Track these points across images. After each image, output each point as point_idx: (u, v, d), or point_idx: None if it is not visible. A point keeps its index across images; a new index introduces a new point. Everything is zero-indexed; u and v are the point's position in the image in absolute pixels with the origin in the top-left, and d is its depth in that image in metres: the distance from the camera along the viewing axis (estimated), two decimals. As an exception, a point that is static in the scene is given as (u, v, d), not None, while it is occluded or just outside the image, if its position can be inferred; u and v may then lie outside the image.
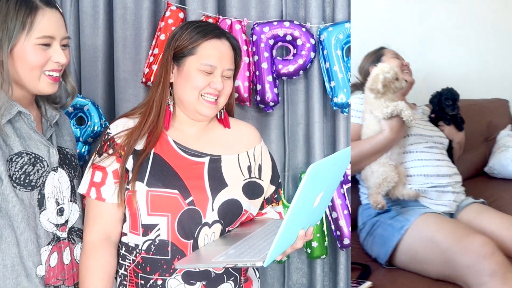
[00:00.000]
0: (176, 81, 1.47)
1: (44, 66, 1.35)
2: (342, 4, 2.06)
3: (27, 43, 1.32)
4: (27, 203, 1.35)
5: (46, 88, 1.38)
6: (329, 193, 1.39)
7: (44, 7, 1.34)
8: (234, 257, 1.20)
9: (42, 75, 1.36)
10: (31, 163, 1.35)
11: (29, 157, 1.35)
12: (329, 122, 2.16)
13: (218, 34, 1.47)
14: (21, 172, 1.33)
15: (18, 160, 1.33)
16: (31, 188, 1.35)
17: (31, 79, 1.36)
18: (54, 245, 1.41)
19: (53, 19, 1.36)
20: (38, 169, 1.37)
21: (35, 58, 1.33)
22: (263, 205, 1.58)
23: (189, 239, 1.39)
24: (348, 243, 2.09)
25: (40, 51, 1.34)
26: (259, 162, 1.55)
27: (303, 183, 1.10)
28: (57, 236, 1.41)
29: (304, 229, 1.28)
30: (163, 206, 1.38)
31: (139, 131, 1.44)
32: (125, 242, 1.44)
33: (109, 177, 1.42)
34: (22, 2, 1.32)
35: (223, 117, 1.56)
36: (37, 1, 1.34)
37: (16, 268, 1.34)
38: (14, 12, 1.31)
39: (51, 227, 1.40)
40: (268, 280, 2.24)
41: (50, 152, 1.41)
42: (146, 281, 1.40)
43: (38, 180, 1.36)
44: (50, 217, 1.40)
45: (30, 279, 1.35)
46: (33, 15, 1.32)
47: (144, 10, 2.03)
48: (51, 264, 1.39)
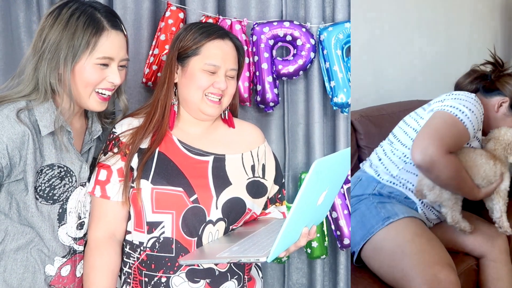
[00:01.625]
0: (181, 81, 1.48)
1: (98, 84, 1.38)
2: (342, 4, 2.07)
3: (88, 62, 1.35)
4: (45, 215, 1.37)
5: (95, 106, 1.41)
6: (333, 192, 1.39)
7: (110, 29, 1.37)
8: (238, 253, 1.21)
9: (93, 93, 1.39)
10: (60, 176, 1.37)
11: (60, 170, 1.37)
12: (329, 122, 2.17)
13: (221, 35, 1.48)
14: (47, 185, 1.35)
15: (48, 172, 1.35)
16: (52, 202, 1.37)
17: (82, 96, 1.39)
18: (69, 258, 1.43)
19: (116, 42, 1.38)
20: (66, 183, 1.39)
21: (92, 76, 1.36)
22: (267, 205, 1.59)
23: (193, 237, 1.39)
24: (348, 243, 2.09)
25: (98, 70, 1.37)
26: (263, 162, 1.56)
27: (307, 179, 1.10)
28: (73, 249, 1.43)
29: (307, 227, 1.29)
30: (167, 203, 1.39)
31: (144, 131, 1.45)
32: (130, 240, 1.45)
33: (114, 176, 1.42)
34: (91, 22, 1.35)
35: (227, 117, 1.57)
36: (105, 23, 1.36)
37: (25, 264, 1.36)
38: (81, 31, 1.33)
39: (68, 240, 1.42)
40: (268, 280, 2.24)
41: (82, 168, 1.43)
42: (150, 278, 1.40)
43: (62, 195, 1.38)
44: (69, 231, 1.42)
45: (36, 276, 1.37)
46: (98, 35, 1.35)
47: (144, 10, 2.03)
48: (62, 273, 1.41)
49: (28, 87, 1.36)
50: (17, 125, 1.30)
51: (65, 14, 1.34)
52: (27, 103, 1.34)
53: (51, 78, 1.34)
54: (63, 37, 1.33)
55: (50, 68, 1.34)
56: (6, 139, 1.28)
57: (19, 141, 1.30)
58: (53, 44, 1.33)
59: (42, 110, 1.35)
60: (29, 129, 1.31)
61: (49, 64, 1.34)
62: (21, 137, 1.30)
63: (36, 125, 1.34)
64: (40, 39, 1.35)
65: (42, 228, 1.36)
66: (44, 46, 1.34)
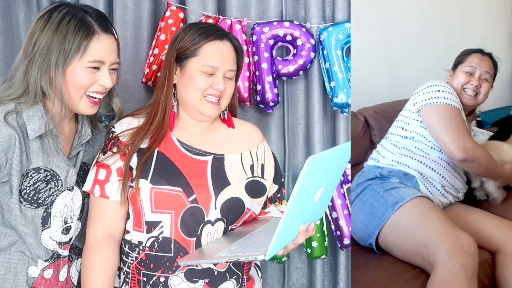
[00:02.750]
0: (179, 82, 1.48)
1: (89, 87, 1.38)
2: (342, 4, 2.07)
3: (79, 66, 1.35)
4: (29, 219, 1.36)
5: (85, 110, 1.41)
6: (330, 189, 1.39)
7: (101, 33, 1.37)
8: (236, 253, 1.21)
9: (84, 96, 1.39)
10: (45, 180, 1.37)
11: (46, 174, 1.37)
12: (329, 122, 2.17)
13: (220, 36, 1.47)
14: (32, 189, 1.35)
15: (34, 175, 1.35)
16: (36, 206, 1.36)
17: (73, 99, 1.38)
18: (52, 262, 1.42)
19: (107, 45, 1.38)
20: (51, 187, 1.38)
21: (83, 80, 1.36)
22: (266, 204, 1.59)
23: (192, 237, 1.39)
24: (348, 243, 2.09)
25: (89, 74, 1.37)
26: (262, 161, 1.56)
27: (302, 175, 1.10)
28: (57, 253, 1.42)
29: (305, 224, 1.29)
30: (166, 203, 1.39)
31: (145, 131, 1.45)
32: (128, 240, 1.45)
33: (113, 175, 1.42)
34: (82, 26, 1.35)
35: (227, 118, 1.56)
36: (95, 26, 1.36)
37: (6, 265, 1.36)
38: (72, 34, 1.33)
39: (52, 244, 1.41)
40: (268, 280, 2.24)
41: (69, 172, 1.42)
42: (148, 278, 1.40)
43: (47, 198, 1.38)
44: (53, 235, 1.41)
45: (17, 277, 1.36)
46: (89, 39, 1.35)
47: (144, 10, 2.03)
48: (45, 275, 1.41)
49: (18, 91, 1.35)
50: (4, 128, 1.29)
51: (55, 17, 1.34)
52: (15, 105, 1.34)
53: (42, 81, 1.34)
54: (54, 41, 1.33)
55: (41, 71, 1.34)
56: None
57: (5, 144, 1.29)
58: (43, 47, 1.33)
59: (31, 113, 1.34)
60: (16, 132, 1.31)
61: (40, 68, 1.33)
62: (8, 140, 1.30)
63: (24, 128, 1.33)
64: (31, 42, 1.35)
65: (25, 232, 1.36)
66: (34, 50, 1.33)
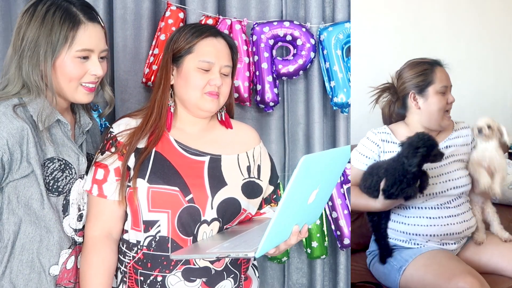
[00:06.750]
0: (176, 82, 1.49)
1: (81, 78, 1.40)
2: (342, 4, 2.07)
3: (68, 56, 1.36)
4: (54, 208, 1.38)
5: (82, 98, 1.43)
6: (326, 191, 1.38)
7: (87, 22, 1.38)
8: (228, 249, 1.22)
9: (79, 86, 1.40)
10: (61, 169, 1.39)
11: (60, 163, 1.39)
12: (329, 122, 2.17)
13: (213, 33, 1.50)
14: (51, 178, 1.37)
15: (50, 165, 1.37)
16: (57, 194, 1.39)
17: (69, 90, 1.40)
18: (73, 249, 1.44)
19: (94, 34, 1.39)
20: (67, 175, 1.40)
21: (74, 70, 1.38)
22: (262, 205, 1.59)
23: (189, 236, 1.40)
24: (348, 243, 2.09)
25: (79, 64, 1.38)
26: (258, 162, 1.56)
27: (295, 174, 1.10)
28: (74, 240, 1.45)
29: (298, 226, 1.29)
30: (163, 202, 1.40)
31: (141, 132, 1.46)
32: (126, 239, 1.46)
33: (111, 175, 1.43)
34: (67, 17, 1.36)
35: (224, 119, 1.57)
36: (81, 16, 1.37)
37: (30, 264, 1.37)
38: (58, 26, 1.34)
39: (70, 231, 1.43)
40: (268, 280, 2.24)
41: (80, 160, 1.44)
42: (146, 277, 1.41)
43: (65, 186, 1.40)
44: (71, 222, 1.43)
45: (41, 276, 1.38)
46: (76, 29, 1.36)
47: (144, 10, 2.04)
48: (67, 266, 1.43)
49: (16, 87, 1.37)
50: (15, 120, 1.31)
51: (40, 10, 1.35)
52: (19, 100, 1.36)
53: (34, 75, 1.35)
54: (41, 34, 1.34)
55: (31, 65, 1.35)
56: (6, 134, 1.29)
57: (18, 135, 1.31)
58: (31, 41, 1.34)
59: (36, 106, 1.36)
60: (27, 124, 1.32)
61: (30, 62, 1.35)
62: (20, 132, 1.31)
63: (32, 120, 1.35)
64: (19, 37, 1.36)
65: (53, 220, 1.38)
66: (23, 44, 1.35)
